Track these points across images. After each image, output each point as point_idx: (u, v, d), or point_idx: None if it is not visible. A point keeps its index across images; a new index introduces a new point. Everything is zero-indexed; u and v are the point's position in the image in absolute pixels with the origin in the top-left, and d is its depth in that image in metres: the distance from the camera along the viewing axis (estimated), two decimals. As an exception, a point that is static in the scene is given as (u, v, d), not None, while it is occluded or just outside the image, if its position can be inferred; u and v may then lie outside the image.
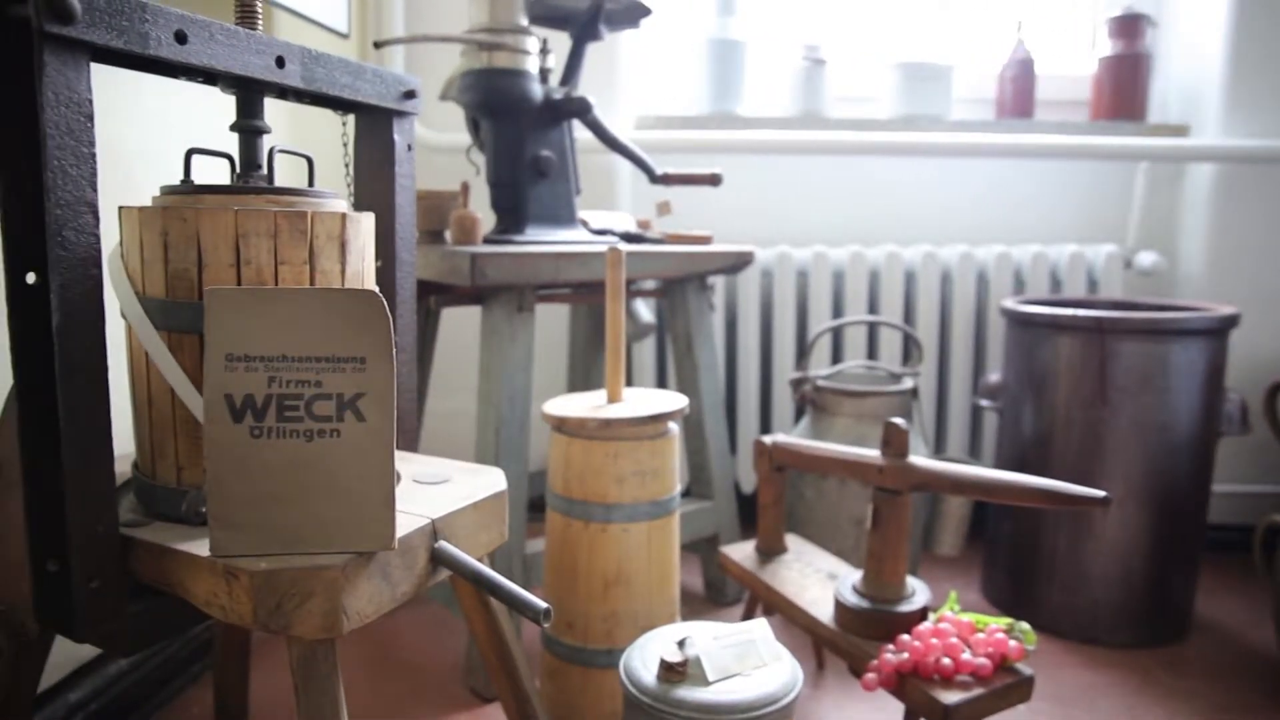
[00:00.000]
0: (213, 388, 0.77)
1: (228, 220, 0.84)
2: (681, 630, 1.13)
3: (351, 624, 0.80)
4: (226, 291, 0.77)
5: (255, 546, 0.79)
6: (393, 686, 1.48)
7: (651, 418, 1.23)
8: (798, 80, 2.20)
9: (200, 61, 0.84)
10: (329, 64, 0.98)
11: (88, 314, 0.78)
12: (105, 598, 0.82)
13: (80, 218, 0.77)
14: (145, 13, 0.79)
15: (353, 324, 0.77)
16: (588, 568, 1.25)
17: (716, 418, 1.79)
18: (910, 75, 2.16)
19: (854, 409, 1.74)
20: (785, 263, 2.07)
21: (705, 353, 1.76)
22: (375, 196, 1.11)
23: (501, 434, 1.42)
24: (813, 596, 1.33)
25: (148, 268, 0.86)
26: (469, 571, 0.87)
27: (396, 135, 1.09)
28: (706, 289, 1.77)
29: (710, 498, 1.78)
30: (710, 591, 1.85)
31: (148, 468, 0.92)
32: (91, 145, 0.77)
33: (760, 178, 2.26)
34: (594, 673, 1.28)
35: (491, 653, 1.10)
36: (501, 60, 1.50)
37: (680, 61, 2.32)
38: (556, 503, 1.29)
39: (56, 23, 0.72)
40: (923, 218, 2.29)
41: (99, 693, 1.29)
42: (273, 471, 0.78)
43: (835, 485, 1.73)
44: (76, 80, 0.75)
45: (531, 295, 1.44)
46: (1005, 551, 1.78)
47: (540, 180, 1.58)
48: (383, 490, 0.79)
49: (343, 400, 0.78)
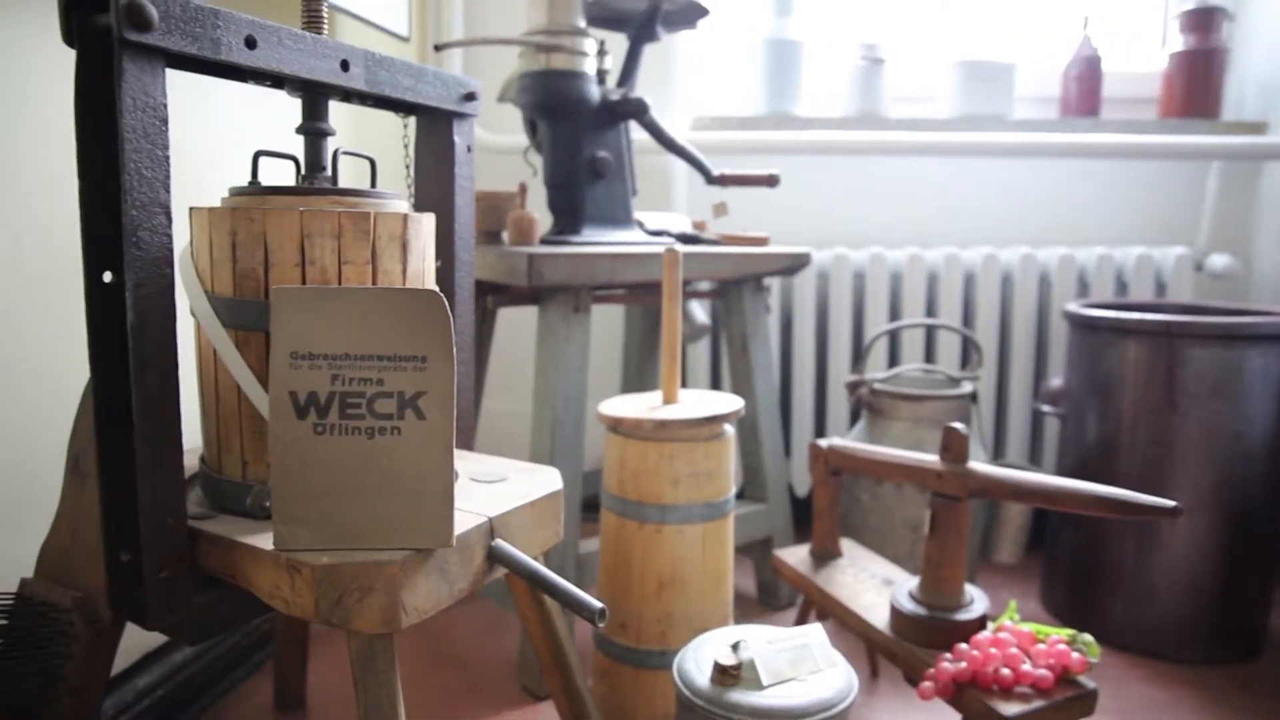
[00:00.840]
0: (278, 385, 0.79)
1: (293, 221, 0.85)
2: (735, 633, 1.12)
3: (409, 620, 0.81)
4: (292, 290, 0.79)
5: (317, 541, 0.81)
6: (446, 682, 1.50)
7: (707, 419, 1.23)
8: (855, 80, 2.18)
9: (269, 66, 0.86)
10: (391, 67, 1.00)
11: (160, 312, 0.80)
12: (174, 588, 0.84)
13: (154, 219, 0.79)
14: (218, 19, 0.81)
15: (414, 323, 0.78)
16: (642, 569, 1.26)
17: (771, 420, 1.78)
18: (971, 74, 2.13)
19: (911, 413, 1.71)
20: (842, 264, 2.05)
21: (760, 354, 1.75)
22: (435, 197, 1.12)
23: (557, 434, 1.43)
24: (868, 602, 1.31)
25: (216, 267, 0.89)
26: (525, 570, 0.88)
27: (456, 137, 1.10)
28: (762, 290, 1.76)
29: (764, 500, 1.76)
30: (763, 595, 1.84)
31: (214, 462, 0.94)
32: (166, 148, 0.80)
33: (817, 179, 2.25)
34: (647, 673, 1.28)
35: (545, 651, 1.11)
36: (559, 62, 1.51)
37: (736, 62, 2.31)
38: (611, 503, 1.30)
39: (135, 30, 0.74)
40: (983, 219, 2.25)
41: (165, 679, 1.33)
42: (335, 468, 0.80)
43: (891, 490, 1.70)
44: (153, 85, 0.78)
45: (588, 296, 1.45)
46: (1066, 561, 1.73)
47: (597, 181, 1.59)
48: (442, 488, 0.80)
49: (404, 398, 0.79)
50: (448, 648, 1.62)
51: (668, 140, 1.65)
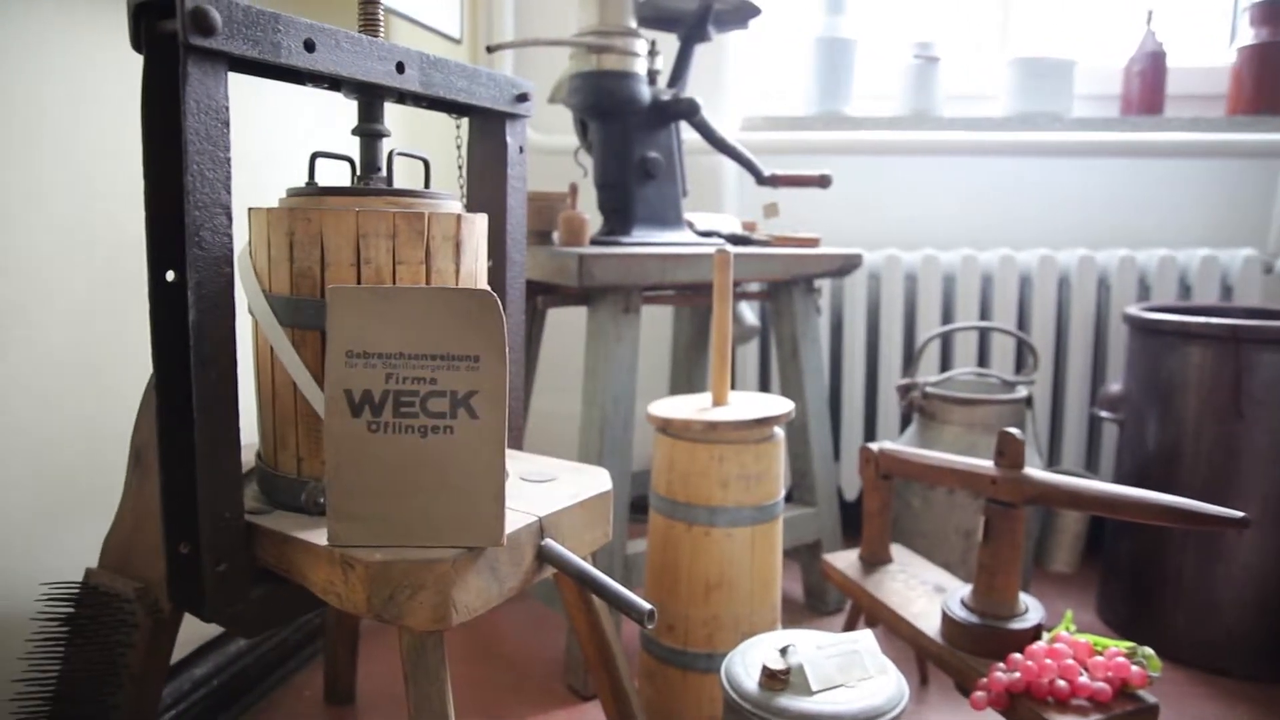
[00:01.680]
0: (333, 383, 0.80)
1: (349, 221, 0.86)
2: (784, 637, 1.11)
3: (460, 617, 0.82)
4: (348, 290, 0.80)
5: (370, 538, 0.82)
6: (493, 680, 1.51)
7: (757, 421, 1.22)
8: (909, 79, 2.14)
9: (326, 69, 0.87)
10: (446, 69, 1.00)
11: (221, 311, 0.82)
12: (231, 581, 0.86)
13: (215, 219, 0.81)
14: (278, 23, 0.82)
15: (468, 323, 0.79)
16: (689, 571, 1.25)
17: (821, 423, 1.76)
18: (1028, 71, 2.08)
19: (964, 417, 1.68)
20: (893, 266, 2.02)
21: (810, 357, 1.74)
22: (487, 198, 1.13)
23: (605, 434, 1.43)
24: (919, 609, 1.29)
25: (274, 266, 0.90)
26: (575, 570, 0.88)
27: (509, 137, 1.11)
28: (813, 292, 1.75)
29: (813, 504, 1.75)
30: (810, 599, 1.82)
31: (270, 458, 0.96)
32: (227, 150, 0.81)
33: (869, 179, 2.22)
34: (693, 676, 1.27)
35: (593, 651, 1.11)
36: (610, 62, 1.51)
37: (787, 61, 2.29)
38: (659, 504, 1.29)
39: (199, 35, 0.76)
40: (1039, 220, 2.20)
41: (220, 670, 1.35)
42: (388, 465, 0.80)
43: (943, 495, 1.68)
44: (215, 89, 0.79)
45: (638, 296, 1.45)
46: (1125, 572, 1.69)
47: (647, 182, 1.59)
48: (493, 487, 0.80)
49: (456, 398, 0.80)
50: (495, 645, 1.63)
51: (718, 140, 1.65)
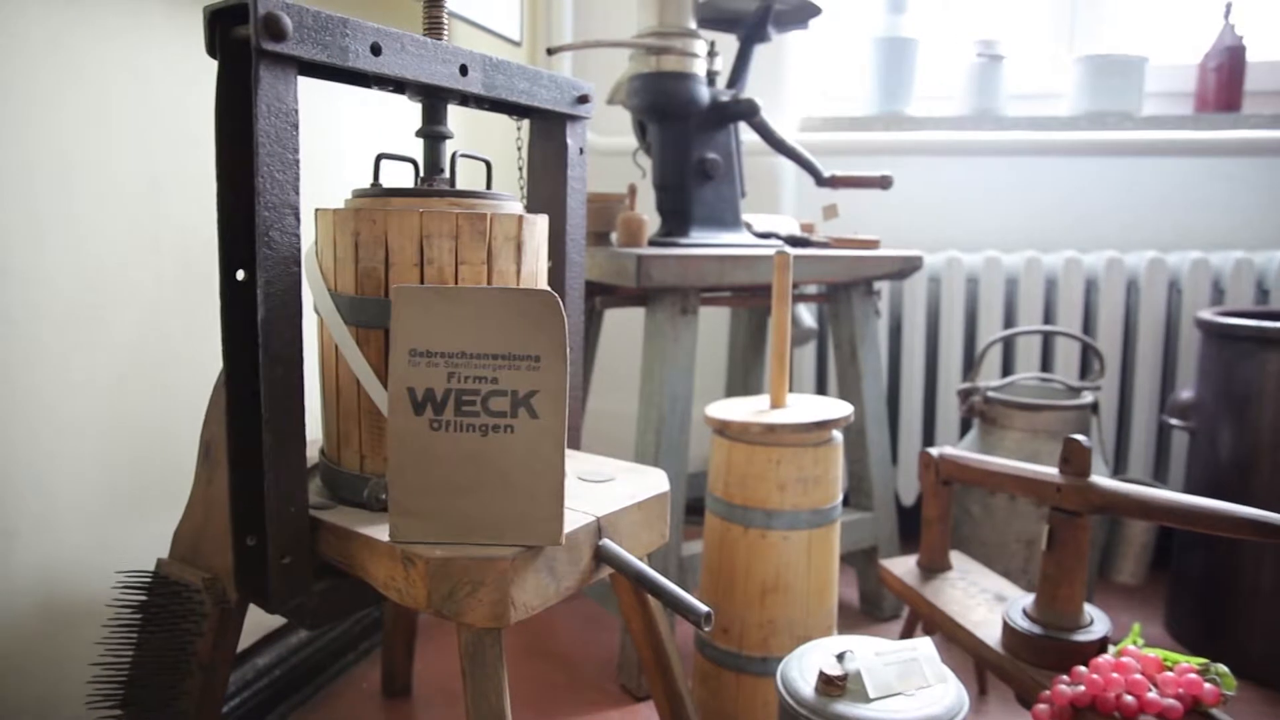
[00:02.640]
0: (396, 381, 0.81)
1: (413, 221, 0.88)
2: (841, 643, 1.10)
3: (518, 615, 0.82)
4: (412, 289, 0.81)
5: (431, 534, 0.83)
6: (547, 678, 1.52)
7: (816, 424, 1.21)
8: (972, 77, 2.11)
9: (392, 72, 0.89)
10: (508, 71, 1.01)
11: (288, 309, 0.84)
12: (295, 573, 0.88)
13: (284, 219, 0.83)
14: (346, 28, 0.84)
15: (529, 323, 0.80)
16: (746, 573, 1.24)
17: (879, 427, 1.74)
18: (1097, 69, 2.03)
19: (1027, 423, 1.65)
20: (954, 268, 1.98)
21: (869, 360, 1.72)
22: (547, 199, 1.14)
23: (662, 435, 1.43)
24: (978, 618, 1.27)
25: (340, 266, 0.92)
26: (632, 571, 0.88)
27: (569, 139, 1.12)
28: (872, 294, 1.72)
29: (870, 509, 1.73)
30: (866, 605, 1.80)
31: (333, 454, 0.98)
32: (296, 152, 0.83)
33: (930, 180, 2.18)
34: (748, 679, 1.26)
35: (648, 652, 1.11)
36: (670, 64, 1.51)
37: (847, 61, 2.27)
38: (716, 506, 1.29)
39: (271, 40, 0.78)
40: (1107, 221, 2.14)
41: (282, 660, 1.38)
42: (449, 463, 0.81)
43: (1004, 502, 1.64)
44: (285, 92, 0.81)
45: (695, 298, 1.45)
46: (1195, 585, 1.64)
47: (706, 183, 1.58)
48: (552, 486, 0.81)
49: (517, 397, 0.80)
50: (549, 644, 1.64)
51: (778, 141, 1.64)
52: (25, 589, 1.00)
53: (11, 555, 0.98)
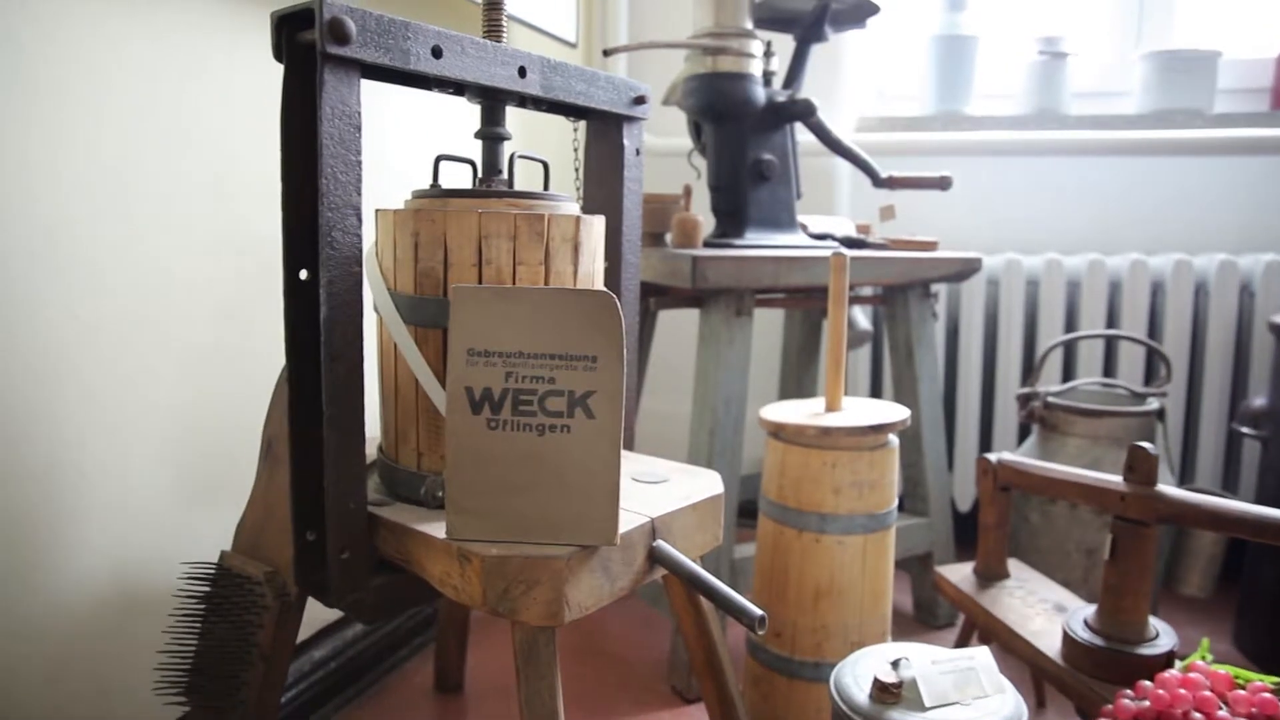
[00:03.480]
0: (454, 380, 0.82)
1: (472, 222, 0.89)
2: (896, 650, 1.08)
3: (572, 614, 0.83)
4: (470, 289, 0.82)
5: (487, 532, 0.83)
6: (597, 677, 1.52)
7: (872, 428, 1.20)
8: (1034, 75, 2.06)
9: (452, 74, 0.90)
10: (566, 73, 1.02)
11: (350, 308, 0.85)
12: (354, 568, 0.89)
13: (347, 220, 0.84)
14: (407, 30, 0.85)
15: (587, 323, 0.80)
16: (799, 577, 1.23)
17: (935, 431, 1.71)
18: (1166, 65, 1.97)
19: (1089, 429, 1.61)
20: (1014, 271, 1.95)
21: (926, 363, 1.69)
22: (603, 200, 1.14)
23: (716, 437, 1.43)
24: (1037, 628, 1.24)
25: (399, 266, 0.93)
26: (686, 572, 0.88)
27: (626, 140, 1.12)
28: (929, 297, 1.70)
29: (925, 514, 1.70)
30: (920, 612, 1.77)
31: (391, 452, 0.99)
32: (359, 154, 0.84)
33: (989, 181, 2.14)
34: (799, 684, 1.25)
35: (700, 654, 1.11)
36: (726, 64, 1.50)
37: (904, 60, 2.24)
38: (770, 509, 1.28)
39: (336, 44, 0.79)
40: (1174, 223, 2.08)
41: (338, 653, 1.41)
42: (506, 462, 0.82)
43: (1064, 510, 1.61)
44: (349, 95, 0.82)
45: (750, 299, 1.44)
46: (1268, 600, 1.58)
47: (761, 184, 1.57)
48: (608, 487, 0.81)
49: (574, 397, 0.81)
50: (599, 643, 1.65)
51: (834, 142, 1.62)
52: (97, 577, 1.03)
53: (84, 545, 1.01)
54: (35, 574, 0.97)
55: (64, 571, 1.00)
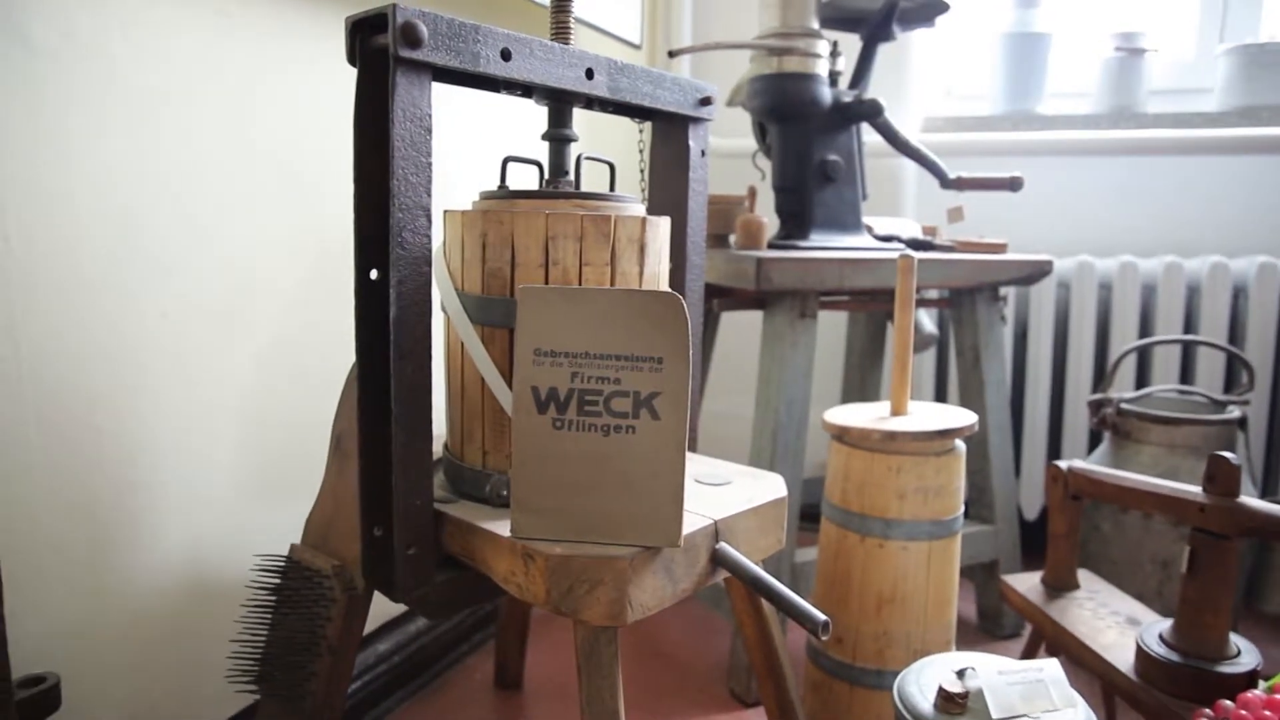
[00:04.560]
0: (521, 379, 0.83)
1: (539, 223, 0.89)
2: (962, 659, 1.06)
3: (635, 615, 0.83)
4: (537, 290, 0.82)
5: (552, 531, 0.84)
6: (655, 679, 1.52)
7: (938, 433, 1.18)
8: (1108, 73, 2.00)
9: (521, 76, 0.90)
10: (632, 74, 1.02)
11: (419, 307, 0.87)
12: (419, 564, 0.91)
13: (417, 221, 0.85)
14: (477, 34, 0.86)
15: (653, 324, 0.80)
16: (862, 583, 1.22)
17: (1002, 437, 1.68)
18: (1251, 60, 1.90)
19: (1165, 437, 1.56)
20: (1086, 273, 1.89)
21: (993, 367, 1.66)
22: (668, 201, 1.14)
23: (778, 439, 1.42)
24: (1109, 641, 1.20)
25: (467, 266, 0.94)
26: (749, 575, 0.87)
27: (691, 141, 1.11)
28: (998, 300, 1.66)
29: (990, 521, 1.67)
30: (984, 622, 1.73)
31: (457, 450, 1.00)
32: (429, 156, 0.85)
33: (1061, 181, 2.09)
34: (861, 691, 1.24)
35: (760, 658, 1.10)
36: (792, 65, 1.49)
37: (972, 59, 2.19)
38: (833, 513, 1.27)
39: (408, 47, 0.80)
40: (1257, 224, 2.00)
41: (400, 647, 1.43)
42: (571, 462, 0.82)
43: (1137, 520, 1.56)
44: (420, 97, 0.84)
45: (815, 301, 1.42)
46: (1354, 616, 1.52)
47: (826, 185, 1.56)
48: (672, 488, 0.81)
49: (639, 398, 0.81)
50: (658, 644, 1.65)
51: (902, 142, 1.60)
52: (173, 567, 1.06)
53: (162, 536, 1.05)
54: (117, 563, 1.00)
55: (143, 561, 1.03)
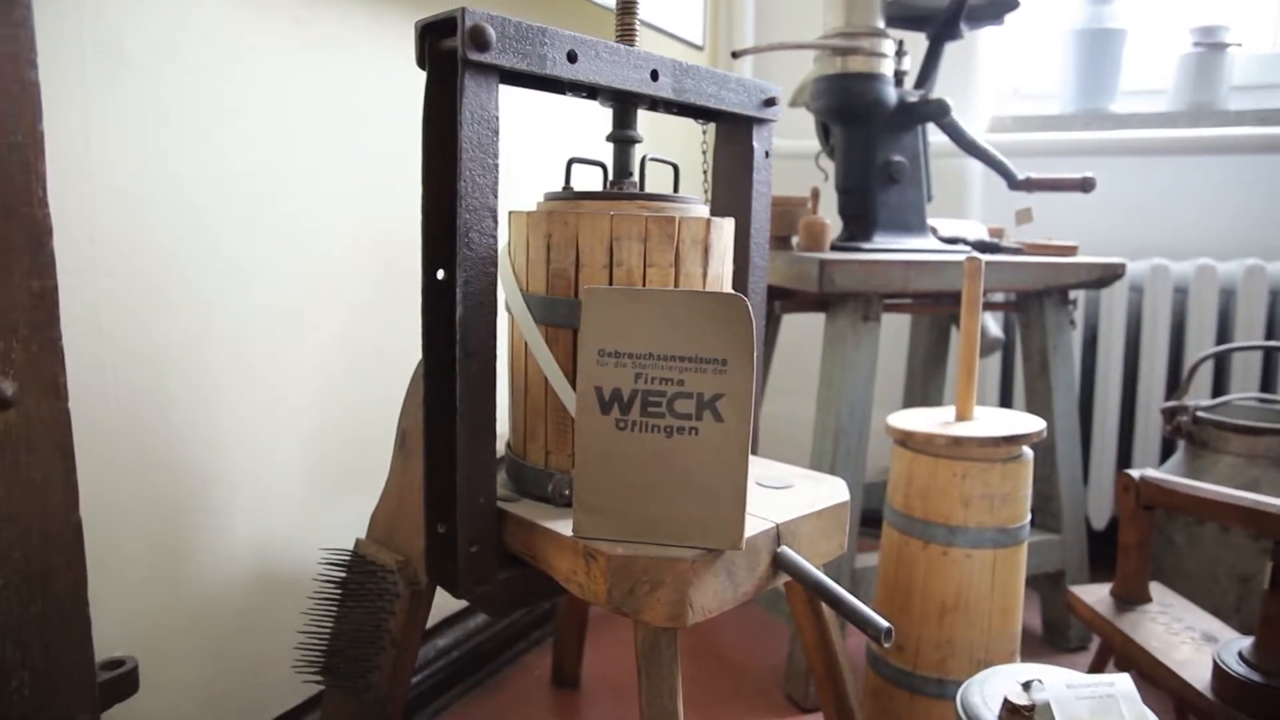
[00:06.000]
0: (585, 380, 0.83)
1: (604, 224, 0.90)
2: (1027, 671, 1.04)
3: (695, 617, 0.83)
4: (602, 290, 0.83)
5: (613, 532, 0.84)
6: (712, 681, 1.52)
7: (1005, 439, 1.15)
8: (1187, 69, 1.94)
9: (586, 78, 0.91)
10: (697, 75, 1.02)
11: (484, 307, 0.87)
12: (482, 561, 0.92)
13: (483, 221, 0.86)
14: (544, 36, 0.87)
15: (717, 326, 0.80)
16: (924, 590, 1.20)
17: (1070, 444, 1.64)
18: (1339, 59, 1.83)
19: (1245, 447, 1.50)
20: (1160, 277, 1.84)
21: (1062, 373, 1.62)
22: (731, 202, 1.14)
23: (840, 443, 1.40)
24: (1183, 657, 1.16)
25: (531, 267, 0.95)
26: (811, 580, 0.86)
27: (755, 142, 1.11)
28: (1067, 304, 1.62)
29: (1057, 530, 1.63)
30: (1049, 633, 1.69)
31: (519, 449, 1.01)
32: (496, 157, 0.86)
33: (1134, 182, 2.03)
34: (921, 700, 1.22)
35: (820, 664, 1.09)
36: (856, 64, 1.47)
37: (1040, 56, 2.14)
38: (895, 519, 1.25)
39: (477, 50, 0.81)
40: (1345, 227, 1.92)
41: (460, 643, 1.45)
42: (634, 463, 0.82)
43: (1214, 533, 1.51)
44: (488, 100, 0.85)
45: (878, 304, 1.40)
46: None
47: (891, 186, 1.54)
48: (735, 491, 0.80)
49: (703, 400, 0.80)
50: (715, 647, 1.64)
51: (969, 143, 1.57)
52: (243, 560, 1.09)
53: (232, 529, 1.08)
54: (192, 553, 1.03)
55: (216, 552, 1.06)
